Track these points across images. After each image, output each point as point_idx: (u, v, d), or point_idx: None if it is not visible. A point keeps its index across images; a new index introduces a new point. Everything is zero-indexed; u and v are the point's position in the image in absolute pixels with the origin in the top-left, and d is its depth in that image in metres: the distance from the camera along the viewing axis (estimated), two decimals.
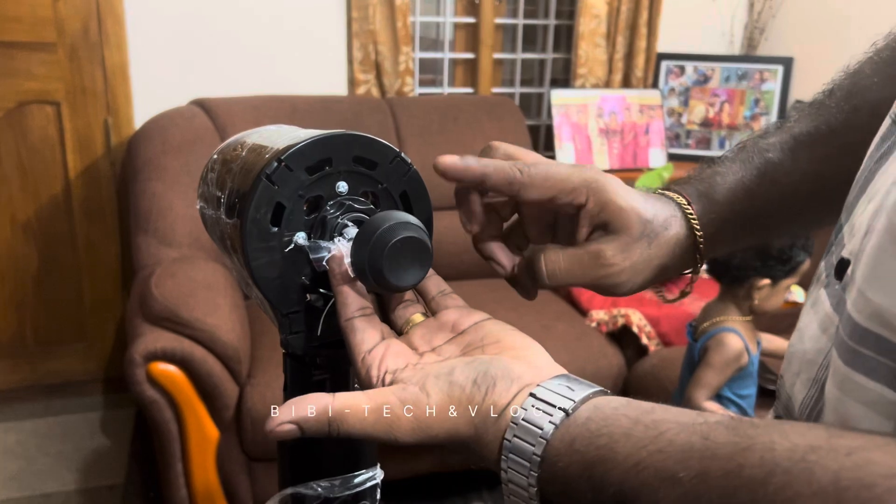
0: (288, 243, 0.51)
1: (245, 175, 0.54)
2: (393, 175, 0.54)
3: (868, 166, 0.46)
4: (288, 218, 0.51)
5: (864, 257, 0.39)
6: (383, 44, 2.55)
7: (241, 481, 1.90)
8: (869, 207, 0.43)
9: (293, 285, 0.52)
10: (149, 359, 1.72)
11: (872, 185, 0.44)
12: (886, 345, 0.36)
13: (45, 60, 2.31)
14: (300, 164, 0.51)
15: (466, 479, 2.19)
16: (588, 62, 2.76)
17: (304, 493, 0.61)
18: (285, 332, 0.55)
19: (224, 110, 2.33)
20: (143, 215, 2.17)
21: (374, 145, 0.53)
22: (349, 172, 0.53)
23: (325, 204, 0.52)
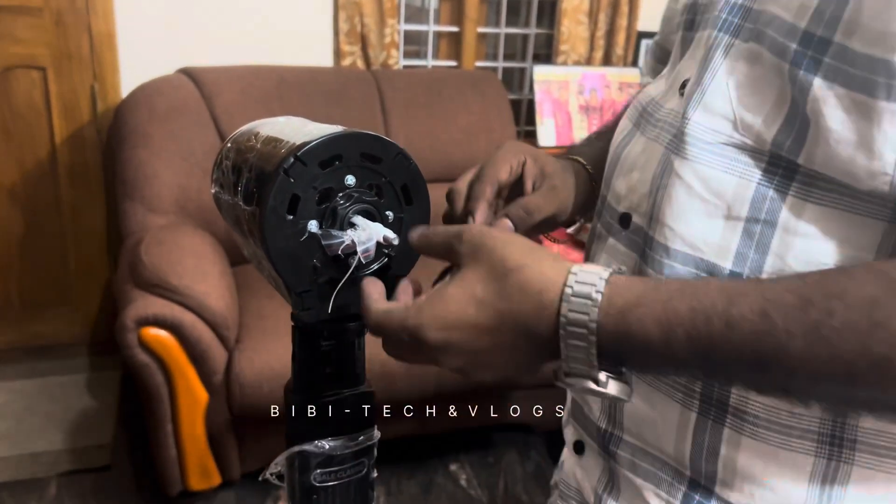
0: (302, 230, 0.57)
1: (262, 167, 0.60)
2: (395, 169, 0.60)
3: (616, 153, 0.68)
4: (302, 207, 0.57)
5: (658, 204, 0.59)
6: (369, 16, 2.58)
7: (229, 442, 1.97)
8: (633, 175, 0.63)
9: (305, 267, 0.58)
10: (140, 324, 1.77)
11: (620, 166, 0.66)
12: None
13: (30, 25, 2.31)
14: (314, 159, 0.57)
15: (444, 442, 2.28)
16: (570, 39, 2.81)
17: (309, 450, 0.68)
18: (297, 308, 0.61)
19: (211, 80, 2.35)
20: (130, 182, 2.21)
21: (380, 142, 0.59)
22: (357, 167, 0.59)
23: (335, 195, 0.58)
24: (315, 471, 0.69)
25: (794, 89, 0.50)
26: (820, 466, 0.56)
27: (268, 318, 2.00)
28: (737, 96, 0.55)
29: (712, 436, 0.59)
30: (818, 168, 0.51)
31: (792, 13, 0.51)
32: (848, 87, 0.48)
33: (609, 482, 0.68)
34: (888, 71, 0.46)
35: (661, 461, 0.63)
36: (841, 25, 0.48)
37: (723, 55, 0.56)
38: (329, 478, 0.69)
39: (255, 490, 2.09)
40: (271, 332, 1.96)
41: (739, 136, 0.54)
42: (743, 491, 0.58)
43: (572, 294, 0.49)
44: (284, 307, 1.98)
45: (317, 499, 0.69)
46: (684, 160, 0.57)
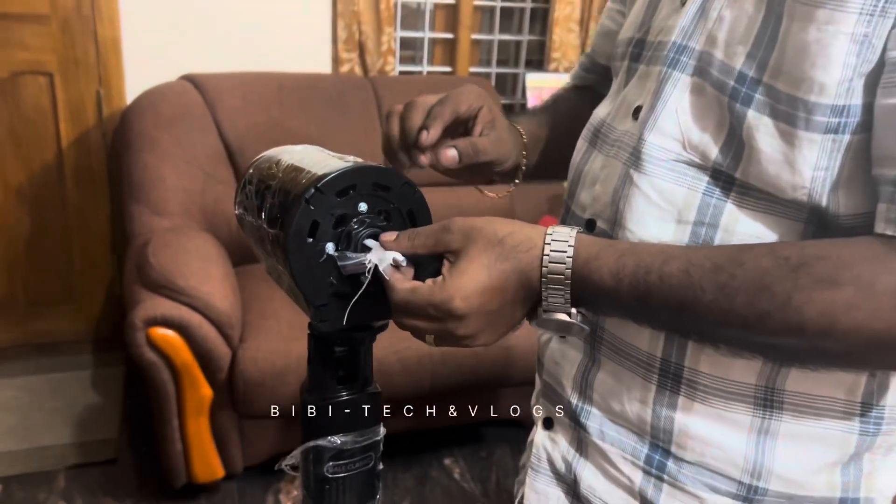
0: (321, 252, 0.66)
1: (285, 194, 0.68)
2: (402, 197, 0.69)
3: (577, 169, 0.79)
4: (321, 231, 0.65)
5: (621, 211, 0.70)
6: (367, 24, 2.66)
7: (232, 437, 2.05)
8: (595, 188, 0.74)
9: (323, 284, 0.66)
10: (149, 324, 1.85)
11: (582, 180, 0.77)
12: None
13: (38, 32, 2.39)
14: (331, 189, 0.65)
15: (439, 437, 2.37)
16: (562, 46, 2.89)
17: (323, 445, 0.76)
18: (316, 319, 0.69)
19: (213, 86, 2.43)
20: (136, 186, 2.28)
21: (389, 174, 0.68)
22: (369, 195, 0.67)
23: (350, 220, 0.66)
24: (328, 463, 0.75)
25: (732, 118, 0.63)
26: (756, 423, 0.68)
27: (270, 318, 2.08)
28: (684, 121, 0.67)
29: (669, 403, 0.70)
30: (752, 181, 0.63)
31: (729, 56, 0.63)
32: (775, 118, 0.60)
33: (578, 449, 0.79)
34: (805, 107, 0.58)
35: (625, 428, 0.74)
36: (768, 70, 0.60)
37: (672, 87, 0.68)
38: (340, 469, 0.76)
39: (256, 482, 2.17)
40: (273, 332, 2.04)
41: (687, 154, 0.66)
42: (695, 450, 0.70)
43: (551, 250, 0.62)
44: (285, 308, 2.11)
45: (329, 488, 0.76)
46: (642, 174, 0.68)
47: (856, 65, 0.56)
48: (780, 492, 0.69)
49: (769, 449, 0.68)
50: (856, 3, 0.55)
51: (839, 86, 0.57)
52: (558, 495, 0.81)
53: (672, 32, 0.69)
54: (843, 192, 0.59)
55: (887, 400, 0.67)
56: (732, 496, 0.70)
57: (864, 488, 0.70)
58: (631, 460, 0.74)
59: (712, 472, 0.70)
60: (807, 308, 0.54)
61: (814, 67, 0.57)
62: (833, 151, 0.59)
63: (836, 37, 0.56)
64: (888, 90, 0.55)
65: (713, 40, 0.65)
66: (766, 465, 0.68)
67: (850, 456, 0.69)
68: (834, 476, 0.69)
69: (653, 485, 0.73)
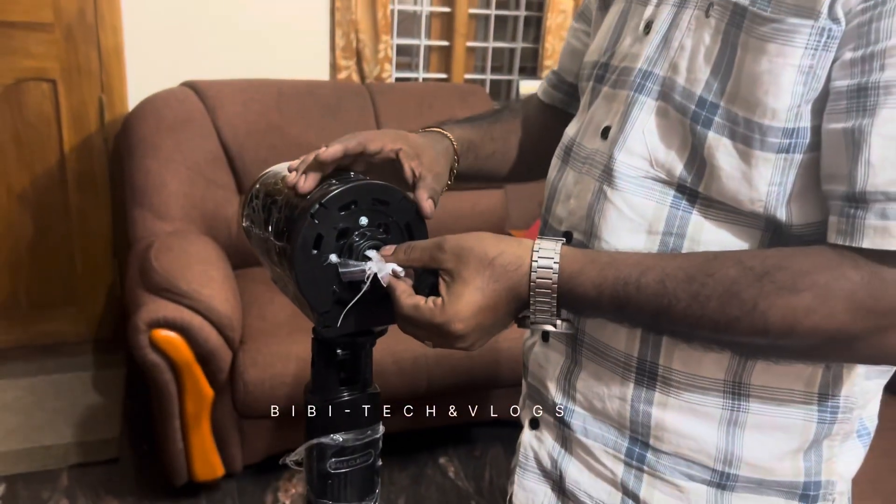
0: (324, 262, 0.71)
1: (291, 209, 0.74)
2: (400, 211, 0.74)
3: (552, 185, 0.86)
4: (324, 244, 0.70)
5: (596, 224, 0.76)
6: (364, 32, 2.71)
7: (233, 436, 2.10)
8: (570, 203, 0.81)
9: (327, 292, 0.72)
10: (151, 326, 1.90)
11: (557, 195, 0.84)
12: None
13: (42, 40, 2.43)
14: (335, 204, 0.70)
15: (434, 436, 2.42)
16: (555, 54, 2.95)
17: (326, 442, 0.81)
18: (319, 325, 0.74)
19: (214, 92, 2.48)
20: (139, 191, 2.33)
21: (388, 190, 0.73)
22: (369, 209, 0.72)
23: (352, 233, 0.72)
24: (330, 459, 0.80)
25: (694, 138, 0.70)
26: (725, 415, 0.74)
27: (269, 321, 2.14)
28: (651, 142, 0.74)
29: (646, 399, 0.77)
30: (713, 195, 0.70)
31: (690, 82, 0.70)
32: (733, 139, 0.67)
33: (563, 446, 0.85)
34: (760, 130, 0.65)
35: (606, 424, 0.80)
36: (725, 95, 0.68)
37: (639, 110, 0.75)
38: (342, 465, 0.81)
39: (256, 480, 2.22)
40: (273, 334, 2.09)
41: (654, 171, 0.73)
42: (671, 442, 0.76)
43: (538, 266, 0.68)
44: (284, 310, 2.18)
45: (332, 483, 0.81)
46: (615, 190, 0.75)
47: (803, 93, 0.63)
48: (749, 477, 0.75)
49: (738, 438, 0.74)
50: (801, 39, 0.63)
51: (789, 111, 0.64)
52: (545, 491, 0.87)
53: (638, 59, 0.76)
54: (795, 205, 0.66)
55: (841, 390, 0.74)
56: (707, 482, 0.76)
57: (825, 472, 0.77)
58: (613, 454, 0.80)
59: (688, 461, 0.76)
60: (771, 312, 0.61)
61: (766, 94, 0.64)
62: (785, 169, 0.66)
63: (784, 68, 0.63)
64: (832, 116, 0.62)
65: (675, 67, 0.72)
66: (735, 453, 0.75)
67: (810, 443, 0.75)
68: (797, 462, 0.75)
69: (633, 476, 0.79)
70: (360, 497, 0.83)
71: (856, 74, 0.61)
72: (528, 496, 0.88)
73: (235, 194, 2.48)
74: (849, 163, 0.61)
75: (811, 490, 0.76)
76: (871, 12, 0.60)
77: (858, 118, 0.60)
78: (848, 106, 0.61)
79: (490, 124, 1.00)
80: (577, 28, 0.99)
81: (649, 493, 0.78)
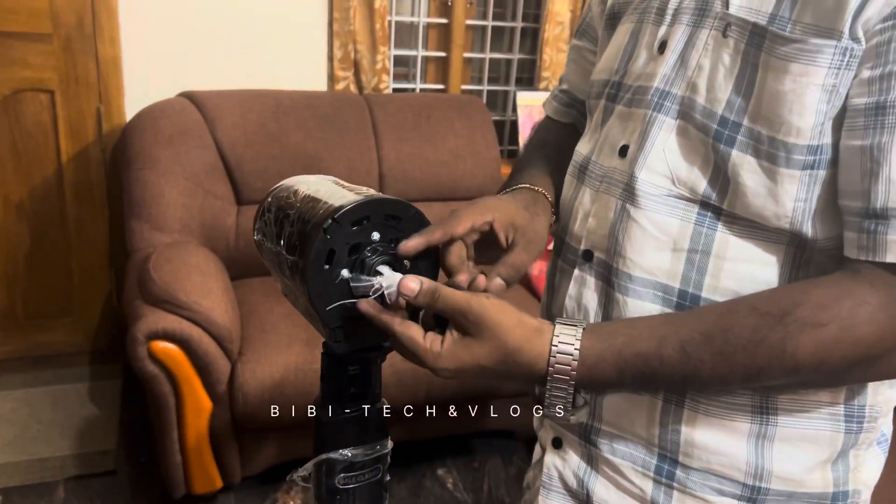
0: (337, 276, 0.71)
1: (303, 223, 0.73)
2: (412, 226, 0.74)
3: (569, 204, 0.85)
4: (336, 259, 0.70)
5: (621, 243, 0.76)
6: (362, 43, 2.72)
7: (231, 447, 2.09)
8: (590, 221, 0.80)
9: (338, 307, 0.72)
10: (150, 338, 1.89)
11: (574, 214, 0.83)
12: None
13: (40, 51, 2.43)
14: (348, 219, 0.70)
15: (432, 447, 2.41)
16: (552, 66, 2.97)
17: (335, 457, 0.81)
18: (331, 340, 0.74)
19: (212, 103, 2.48)
20: (137, 202, 2.33)
21: (400, 205, 0.73)
22: (381, 225, 0.72)
23: (364, 248, 0.72)
24: (339, 475, 0.80)
25: (717, 157, 0.70)
26: (754, 430, 0.75)
27: (268, 332, 2.13)
28: (672, 160, 0.74)
29: (675, 418, 0.77)
30: (738, 212, 0.70)
31: (710, 102, 0.71)
32: (757, 157, 0.68)
33: (590, 464, 0.85)
34: (785, 148, 0.66)
35: (634, 442, 0.80)
36: (748, 114, 0.68)
37: (658, 129, 0.75)
38: (350, 481, 0.81)
39: (254, 493, 2.21)
40: (272, 345, 2.08)
41: (677, 189, 0.74)
42: (700, 458, 0.77)
43: (556, 362, 0.67)
44: (283, 322, 2.19)
45: (339, 499, 0.81)
46: (638, 208, 0.76)
47: (826, 110, 0.64)
48: (780, 490, 0.76)
49: (767, 452, 0.75)
50: (825, 59, 0.64)
51: (814, 129, 0.65)
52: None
53: (654, 79, 0.76)
54: (819, 219, 0.67)
55: (867, 399, 0.75)
56: (738, 497, 0.77)
57: (852, 481, 0.77)
58: (641, 471, 0.80)
59: (718, 476, 0.77)
60: (800, 352, 0.63)
61: (791, 113, 0.65)
62: (810, 185, 0.66)
63: (808, 87, 0.64)
64: (850, 133, 0.64)
65: (694, 87, 0.72)
66: (766, 466, 0.75)
67: (838, 453, 0.76)
68: (826, 473, 0.76)
69: (663, 492, 0.79)
70: None
71: (874, 93, 0.62)
72: None
73: (234, 205, 2.48)
74: (868, 179, 0.62)
75: (840, 500, 0.77)
76: (889, 32, 0.61)
77: (877, 136, 0.61)
78: (865, 123, 0.62)
79: (546, 158, 0.96)
80: (581, 47, 0.99)
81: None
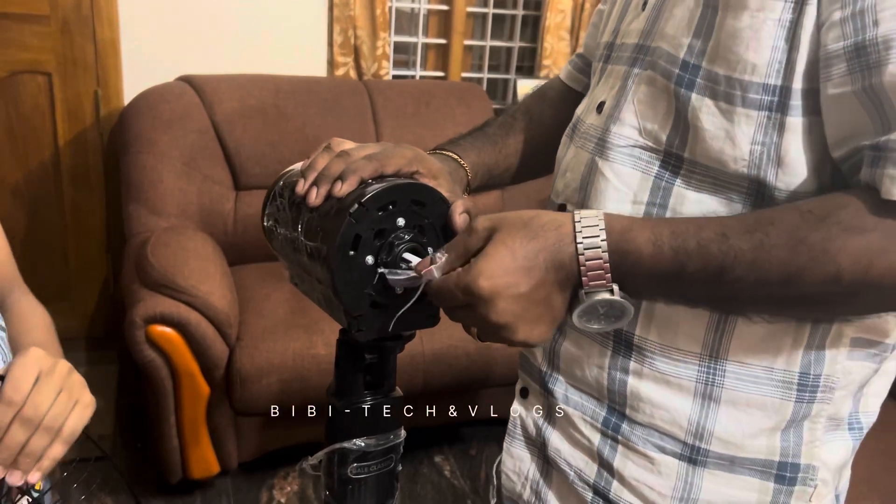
0: (361, 264, 0.69)
1: (325, 208, 0.72)
2: (437, 213, 0.72)
3: (558, 161, 0.86)
4: (362, 245, 0.68)
5: (588, 195, 0.77)
6: (362, 28, 2.70)
7: (228, 434, 2.09)
8: (567, 176, 0.82)
9: (362, 295, 0.70)
10: (148, 322, 1.88)
11: (558, 170, 0.85)
12: None
13: (37, 32, 2.40)
14: (374, 205, 0.68)
15: (430, 435, 2.42)
16: (553, 54, 2.95)
17: (348, 447, 0.80)
18: (353, 328, 0.72)
19: (211, 87, 2.46)
20: (135, 186, 2.31)
21: (427, 191, 0.72)
22: (406, 211, 0.71)
23: (389, 235, 0.70)
24: (352, 465, 0.79)
25: (678, 102, 0.70)
26: (699, 389, 0.74)
27: (266, 318, 2.12)
28: (640, 111, 0.74)
29: (622, 368, 0.77)
30: (698, 158, 0.69)
31: (674, 47, 0.71)
32: (714, 98, 0.67)
33: (547, 415, 0.86)
34: (741, 86, 0.65)
35: (586, 393, 0.81)
36: (706, 56, 0.68)
37: (632, 82, 0.76)
38: (363, 471, 0.80)
39: (250, 478, 2.22)
40: (269, 331, 2.08)
41: (643, 139, 0.74)
42: (645, 412, 0.77)
43: (582, 225, 0.63)
44: (281, 307, 2.18)
45: (352, 489, 0.79)
46: (605, 161, 0.76)
47: (784, 49, 0.63)
48: (721, 453, 0.75)
49: (712, 413, 0.74)
50: None
51: (769, 66, 0.64)
52: (530, 458, 0.89)
53: (634, 35, 0.78)
54: (783, 170, 0.65)
55: (822, 369, 0.73)
56: (678, 456, 0.76)
57: (805, 455, 0.75)
58: (591, 423, 0.81)
59: (660, 433, 0.76)
60: (841, 256, 0.57)
61: (747, 50, 0.65)
62: (769, 128, 0.65)
63: (765, 22, 0.64)
64: (834, 81, 0.61)
65: (663, 35, 0.73)
66: (707, 427, 0.75)
67: (787, 422, 0.74)
68: (773, 441, 0.75)
69: (609, 445, 0.80)
70: (379, 502, 0.83)
71: (849, 34, 0.59)
72: (515, 463, 0.91)
73: (232, 190, 2.47)
74: (877, 117, 0.58)
75: (788, 471, 0.75)
76: None
77: (867, 79, 0.58)
78: (850, 67, 0.59)
79: (503, 138, 0.98)
80: (603, 11, 0.99)
81: (623, 463, 0.79)
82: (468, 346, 2.19)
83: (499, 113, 1.05)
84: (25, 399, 0.77)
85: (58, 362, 0.82)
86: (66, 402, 0.81)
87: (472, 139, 0.95)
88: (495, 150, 0.96)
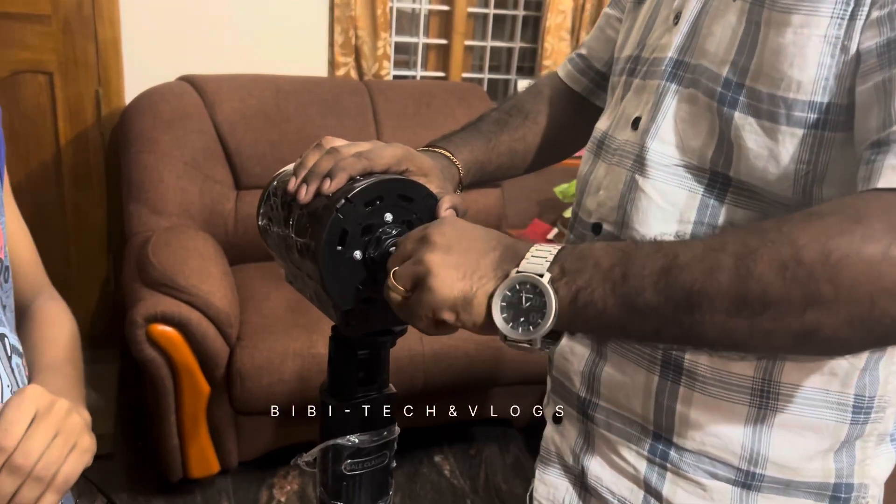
0: (349, 259, 0.70)
1: (314, 205, 0.72)
2: (424, 208, 0.73)
3: (584, 179, 0.85)
4: (349, 240, 0.69)
5: (629, 214, 0.75)
6: (363, 29, 2.70)
7: (229, 433, 2.10)
8: (600, 194, 0.80)
9: (350, 290, 0.71)
10: (149, 321, 1.89)
11: (588, 188, 0.83)
12: None
13: (39, 32, 2.41)
14: (361, 200, 0.69)
15: (429, 435, 2.42)
16: (553, 55, 2.96)
17: (342, 443, 0.80)
18: (342, 324, 0.73)
19: (212, 87, 2.46)
20: (136, 185, 2.32)
21: (413, 186, 0.72)
22: (393, 206, 0.71)
23: (376, 230, 0.71)
24: (346, 461, 0.79)
25: (721, 121, 0.69)
26: (752, 413, 0.73)
27: (266, 317, 2.13)
28: (681, 129, 0.73)
29: (670, 395, 0.76)
30: (743, 178, 0.69)
31: (716, 65, 0.70)
32: (758, 117, 0.66)
33: (585, 442, 0.84)
34: (785, 104, 0.64)
35: (630, 420, 0.80)
36: (749, 73, 0.67)
37: (671, 99, 0.74)
38: (357, 467, 0.80)
39: (251, 477, 2.22)
40: (270, 330, 2.08)
41: (686, 158, 0.73)
42: (695, 439, 0.75)
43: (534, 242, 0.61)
44: (282, 306, 2.18)
45: (346, 485, 0.80)
46: (647, 179, 0.75)
47: (830, 65, 0.62)
48: (776, 477, 0.74)
49: (765, 437, 0.73)
50: (827, 7, 0.62)
51: (815, 83, 0.63)
52: (566, 486, 0.87)
53: (668, 49, 0.76)
54: (828, 189, 0.65)
55: (878, 390, 0.73)
56: (731, 482, 0.75)
57: (858, 475, 0.76)
58: (636, 450, 0.79)
59: (712, 459, 0.75)
60: (797, 233, 0.52)
61: (791, 67, 0.64)
62: (813, 146, 0.64)
63: (810, 39, 0.63)
64: (864, 78, 0.60)
65: (704, 53, 0.72)
66: (762, 452, 0.74)
67: (841, 443, 0.74)
68: (827, 462, 0.74)
69: (657, 473, 0.78)
70: (373, 498, 0.83)
71: (884, 32, 0.59)
72: (550, 490, 0.89)
73: (233, 190, 2.47)
74: (881, 113, 0.57)
75: (842, 492, 0.75)
76: None
77: (885, 72, 0.58)
78: (880, 63, 0.58)
79: (497, 134, 0.97)
80: (610, 15, 0.98)
81: (672, 490, 0.78)
82: (468, 346, 2.19)
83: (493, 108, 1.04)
84: (16, 445, 0.70)
85: (56, 402, 0.74)
86: (61, 448, 0.73)
87: (464, 135, 0.95)
88: (488, 146, 0.95)
